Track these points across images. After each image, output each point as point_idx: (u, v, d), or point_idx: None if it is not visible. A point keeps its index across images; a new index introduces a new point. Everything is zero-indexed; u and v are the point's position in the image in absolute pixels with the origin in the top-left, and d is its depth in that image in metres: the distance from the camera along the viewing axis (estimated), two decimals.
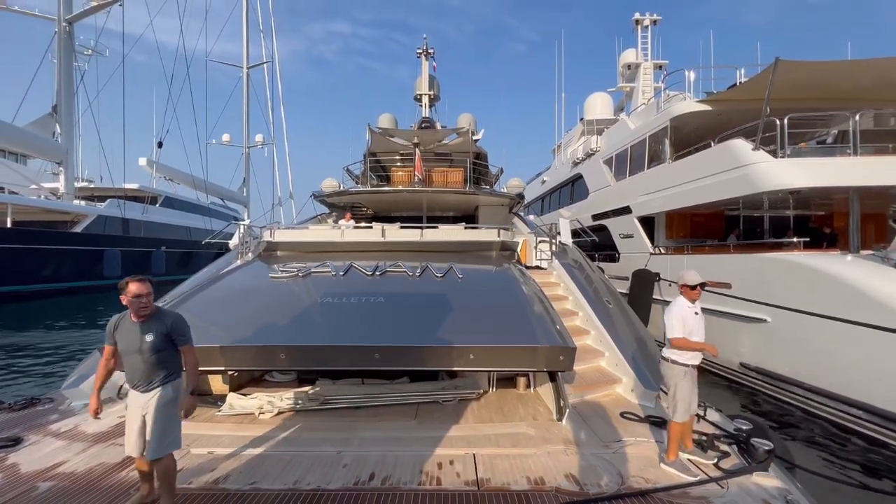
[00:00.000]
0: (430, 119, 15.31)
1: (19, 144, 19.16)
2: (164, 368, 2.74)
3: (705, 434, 3.88)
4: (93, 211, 20.53)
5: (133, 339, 2.69)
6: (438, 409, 4.56)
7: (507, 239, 6.81)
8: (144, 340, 2.68)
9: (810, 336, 6.27)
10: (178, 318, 2.80)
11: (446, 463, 3.40)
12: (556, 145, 21.31)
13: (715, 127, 9.56)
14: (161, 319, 2.74)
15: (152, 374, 2.72)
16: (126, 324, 2.74)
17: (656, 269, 9.91)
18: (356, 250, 6.04)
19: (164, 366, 2.74)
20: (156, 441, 2.67)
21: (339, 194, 10.35)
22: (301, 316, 4.21)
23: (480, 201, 10.98)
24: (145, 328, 2.69)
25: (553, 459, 3.47)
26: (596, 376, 5.26)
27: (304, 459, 3.43)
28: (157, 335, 2.69)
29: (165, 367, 2.75)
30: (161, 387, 2.73)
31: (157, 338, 2.69)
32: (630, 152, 12.05)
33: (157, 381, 2.73)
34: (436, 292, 4.79)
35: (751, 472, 3.24)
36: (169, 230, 25.15)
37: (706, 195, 8.60)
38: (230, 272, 5.70)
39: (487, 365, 3.77)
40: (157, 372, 2.72)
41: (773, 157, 7.34)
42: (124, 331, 2.73)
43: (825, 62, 7.68)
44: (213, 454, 3.54)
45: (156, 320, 2.73)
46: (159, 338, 2.70)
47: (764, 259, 7.22)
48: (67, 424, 4.09)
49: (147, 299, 2.69)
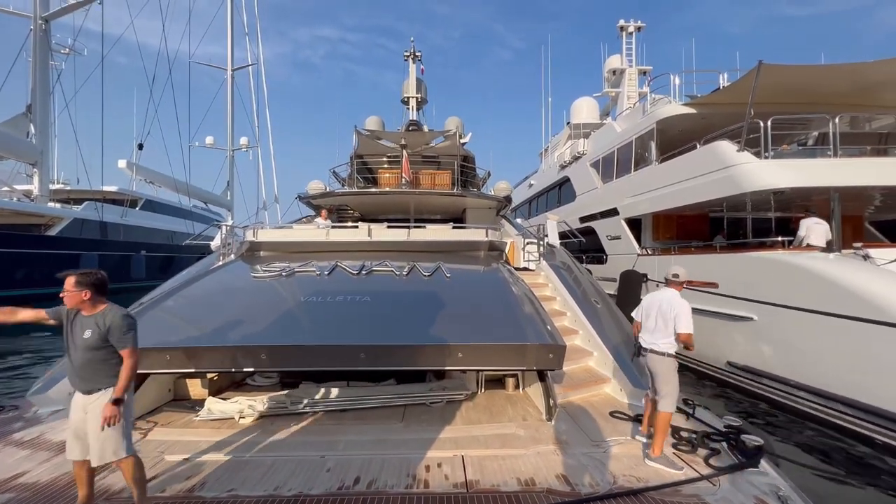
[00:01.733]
0: (417, 122, 15.26)
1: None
2: (103, 370, 2.56)
3: (695, 432, 3.85)
4: (68, 213, 19.86)
5: (74, 332, 2.56)
6: (426, 410, 4.45)
7: (496, 239, 6.75)
8: (81, 336, 2.53)
9: (795, 332, 6.34)
10: (121, 318, 2.57)
11: (434, 465, 3.29)
12: (543, 149, 21.46)
13: (699, 130, 9.71)
14: (104, 317, 2.56)
15: (87, 374, 2.56)
16: (79, 315, 2.60)
17: (644, 270, 9.97)
18: (342, 250, 5.91)
19: (103, 367, 2.56)
20: (98, 447, 2.51)
21: (324, 196, 10.19)
22: (283, 315, 4.06)
23: (468, 203, 10.93)
24: (87, 323, 2.55)
25: (543, 460, 3.39)
26: (585, 376, 5.21)
27: (286, 464, 3.28)
28: (95, 333, 2.52)
29: (104, 369, 2.56)
30: (103, 391, 2.55)
31: (93, 336, 2.52)
32: (617, 155, 12.16)
33: (96, 384, 2.56)
34: (423, 291, 4.69)
35: (742, 468, 3.21)
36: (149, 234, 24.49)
37: (692, 196, 8.70)
38: (210, 272, 5.51)
39: (476, 364, 3.68)
40: (92, 373, 2.55)
41: (757, 158, 7.46)
42: (72, 321, 2.60)
43: (805, 66, 7.87)
44: (188, 461, 3.37)
45: (99, 317, 2.57)
46: (96, 336, 2.52)
47: (749, 258, 7.30)
48: (32, 433, 3.87)
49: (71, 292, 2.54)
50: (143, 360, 3.55)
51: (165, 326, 3.96)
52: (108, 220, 21.56)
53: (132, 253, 22.40)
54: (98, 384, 2.56)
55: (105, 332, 2.53)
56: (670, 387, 3.41)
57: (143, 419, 4.17)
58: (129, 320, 2.60)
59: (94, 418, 2.51)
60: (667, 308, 3.50)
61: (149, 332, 3.87)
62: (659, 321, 3.53)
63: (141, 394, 4.24)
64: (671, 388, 3.41)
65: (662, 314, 3.51)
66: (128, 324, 2.59)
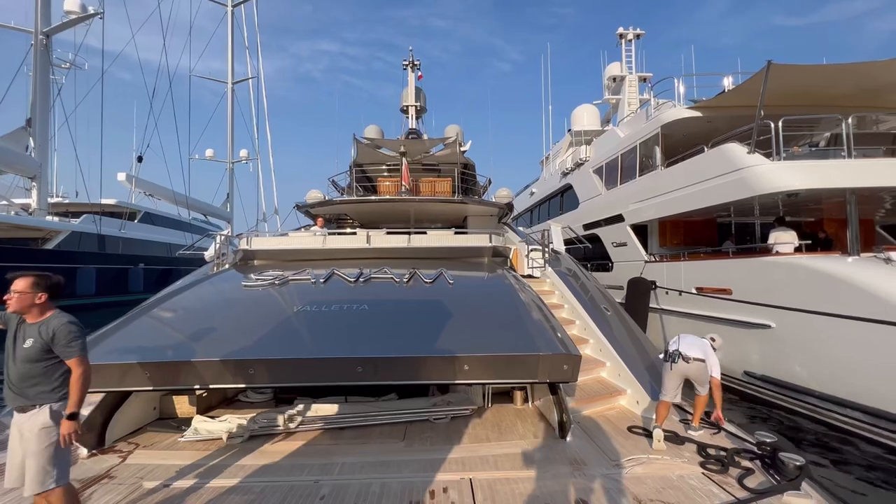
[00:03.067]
0: (416, 130, 15.13)
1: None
2: (41, 385, 2.29)
3: (724, 449, 3.54)
4: (66, 227, 19.65)
5: (14, 340, 2.29)
6: (429, 428, 4.13)
7: (499, 244, 6.48)
8: (21, 346, 2.26)
9: (818, 339, 6.03)
10: (66, 324, 2.34)
11: (440, 490, 2.98)
12: (545, 157, 21.29)
13: (704, 134, 9.51)
14: (48, 325, 2.30)
15: (23, 389, 2.27)
16: (23, 323, 2.34)
17: (652, 276, 9.68)
18: (339, 258, 5.64)
19: (41, 382, 2.29)
20: (31, 473, 2.21)
21: (323, 204, 9.95)
22: (274, 326, 3.77)
23: (469, 210, 10.69)
24: (30, 332, 2.29)
25: (560, 483, 3.07)
26: (598, 388, 4.90)
27: (276, 491, 2.97)
28: (37, 343, 2.26)
29: (42, 385, 2.29)
30: (38, 409, 2.27)
31: (34, 346, 2.26)
32: (620, 161, 11.95)
33: (32, 400, 2.27)
34: (425, 299, 4.40)
35: (782, 491, 2.89)
36: (148, 247, 24.24)
37: (701, 200, 8.44)
38: (198, 282, 5.23)
39: (483, 377, 3.38)
40: (29, 387, 2.27)
41: (768, 160, 7.22)
42: (15, 329, 2.33)
43: (814, 66, 7.68)
44: (167, 487, 3.05)
45: (43, 325, 2.30)
46: (37, 346, 2.26)
47: (766, 263, 7.01)
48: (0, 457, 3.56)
49: (24, 294, 2.29)
50: (120, 378, 3.27)
51: (145, 340, 3.67)
52: (107, 233, 21.34)
53: (130, 266, 22.13)
54: (34, 400, 2.28)
55: (48, 341, 2.28)
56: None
57: (124, 440, 3.87)
58: (74, 327, 2.36)
59: (28, 440, 2.23)
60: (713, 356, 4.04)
61: (127, 346, 3.58)
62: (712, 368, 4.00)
63: (123, 413, 3.94)
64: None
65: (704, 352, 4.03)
66: (74, 330, 2.34)
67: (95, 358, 3.32)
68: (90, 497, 2.93)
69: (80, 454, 3.55)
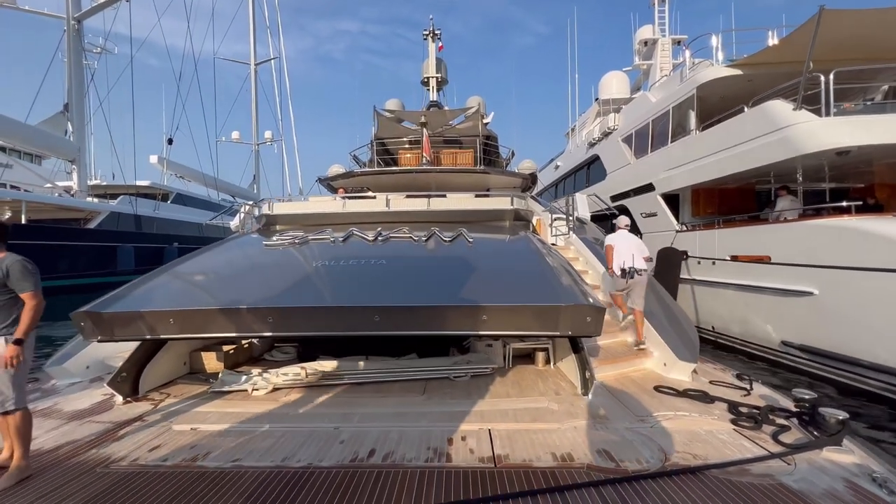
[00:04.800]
0: (437, 103, 14.84)
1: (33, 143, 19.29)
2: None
3: (757, 407, 3.35)
4: (105, 208, 20.59)
5: None
6: (449, 385, 4.12)
7: (522, 207, 6.31)
8: None
9: (869, 307, 5.62)
10: (19, 261, 2.61)
11: (458, 438, 2.95)
12: (570, 128, 20.56)
13: (743, 95, 8.85)
14: (2, 263, 2.57)
15: None
16: None
17: (683, 247, 9.28)
18: (359, 221, 5.63)
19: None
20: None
21: (344, 176, 9.98)
22: (295, 280, 3.80)
23: (491, 181, 10.48)
24: None
25: (581, 434, 2.99)
26: (623, 350, 4.75)
27: (297, 436, 3.02)
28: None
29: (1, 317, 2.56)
30: None
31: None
32: (652, 127, 11.37)
33: None
34: (443, 255, 4.34)
35: (821, 446, 2.70)
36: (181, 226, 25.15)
37: (739, 164, 7.93)
38: (222, 243, 5.36)
39: (503, 328, 3.30)
40: None
41: (816, 117, 6.66)
42: None
43: (873, 10, 6.93)
44: (196, 430, 3.16)
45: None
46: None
47: (811, 227, 6.52)
48: (46, 402, 3.78)
49: None
50: (145, 326, 3.39)
51: (170, 293, 3.78)
52: (142, 214, 22.25)
53: (165, 245, 23.07)
54: None
55: (3, 278, 2.56)
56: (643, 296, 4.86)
57: (156, 391, 4.04)
58: (28, 264, 2.64)
59: None
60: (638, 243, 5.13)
61: (152, 297, 3.70)
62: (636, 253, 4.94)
63: (155, 365, 4.12)
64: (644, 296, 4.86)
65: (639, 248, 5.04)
66: (26, 267, 2.62)
67: (124, 307, 3.46)
68: (125, 436, 3.08)
69: (116, 401, 3.73)
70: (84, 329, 3.41)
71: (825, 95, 6.65)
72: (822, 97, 6.69)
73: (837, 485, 2.31)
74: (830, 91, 6.64)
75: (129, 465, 2.66)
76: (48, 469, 2.62)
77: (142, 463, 2.68)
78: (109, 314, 3.35)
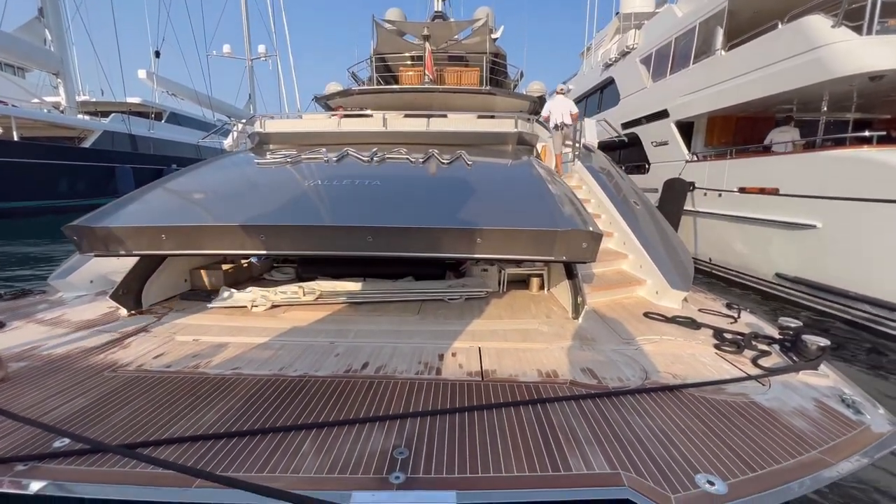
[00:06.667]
0: (442, 13, 13.59)
1: (11, 52, 18.11)
2: None
3: (741, 334, 3.44)
4: (98, 126, 19.93)
5: None
6: (444, 306, 4.23)
7: (526, 131, 6.02)
8: None
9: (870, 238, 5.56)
10: None
11: (448, 355, 3.08)
12: (586, 48, 19.01)
13: (780, 9, 7.98)
14: None
15: None
16: None
17: (691, 178, 9.01)
18: (354, 141, 5.41)
19: None
20: None
21: (341, 94, 9.44)
22: (287, 199, 3.74)
23: (497, 104, 9.92)
24: None
25: (567, 354, 3.10)
26: (617, 278, 4.80)
27: (294, 349, 3.16)
28: None
29: None
30: None
31: None
32: (674, 46, 10.46)
33: None
34: (440, 176, 4.22)
35: (798, 369, 2.80)
36: (178, 147, 24.52)
37: (762, 88, 7.40)
38: (212, 161, 5.20)
39: (497, 251, 3.28)
40: None
41: (858, 35, 6.04)
42: None
43: None
44: (197, 341, 3.30)
45: None
46: None
47: (824, 158, 6.26)
48: (55, 312, 3.92)
49: None
50: (137, 241, 3.39)
51: (159, 207, 3.74)
52: (137, 133, 21.59)
53: (163, 167, 22.69)
54: None
55: None
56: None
57: (159, 305, 4.17)
58: None
59: None
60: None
61: (143, 212, 3.67)
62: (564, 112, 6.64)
63: (155, 281, 4.21)
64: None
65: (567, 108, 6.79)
66: None
67: (114, 222, 3.44)
68: (130, 345, 3.23)
69: (121, 313, 3.87)
70: (78, 243, 3.43)
71: (870, 11, 5.97)
72: (867, 13, 6.01)
73: (808, 404, 2.42)
74: (877, 6, 5.95)
75: (136, 370, 2.81)
76: (61, 371, 2.78)
77: (147, 368, 2.83)
78: (101, 228, 3.34)
